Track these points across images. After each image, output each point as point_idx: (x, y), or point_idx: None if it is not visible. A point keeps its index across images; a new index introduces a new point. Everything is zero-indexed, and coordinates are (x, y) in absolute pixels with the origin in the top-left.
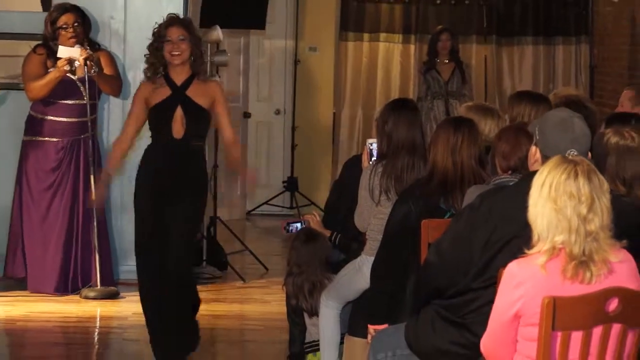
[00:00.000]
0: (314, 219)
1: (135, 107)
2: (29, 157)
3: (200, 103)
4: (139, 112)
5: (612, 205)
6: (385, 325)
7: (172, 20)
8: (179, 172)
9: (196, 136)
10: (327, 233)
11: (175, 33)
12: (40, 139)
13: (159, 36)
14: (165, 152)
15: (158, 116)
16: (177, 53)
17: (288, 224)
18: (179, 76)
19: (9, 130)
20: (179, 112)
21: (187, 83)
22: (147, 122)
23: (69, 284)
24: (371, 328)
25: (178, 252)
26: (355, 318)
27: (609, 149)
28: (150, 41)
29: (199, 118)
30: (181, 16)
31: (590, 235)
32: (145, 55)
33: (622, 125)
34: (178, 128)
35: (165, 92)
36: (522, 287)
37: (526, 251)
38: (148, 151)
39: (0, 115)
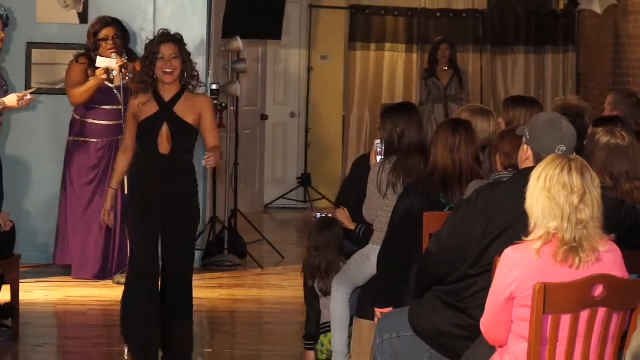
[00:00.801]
0: (343, 213)
1: (129, 124)
2: (72, 155)
3: (186, 119)
4: (134, 126)
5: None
6: (390, 309)
7: (164, 38)
8: (167, 186)
9: (182, 151)
10: (353, 226)
11: (168, 50)
12: (82, 139)
13: (152, 53)
14: (152, 166)
15: (145, 132)
16: (169, 71)
17: (317, 214)
18: (168, 92)
19: (51, 131)
20: (165, 128)
21: (176, 99)
22: None
23: (107, 271)
24: (378, 311)
25: (176, 270)
26: (363, 302)
27: (600, 146)
28: (142, 58)
29: (185, 134)
30: (171, 32)
31: (581, 224)
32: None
33: (607, 126)
34: (164, 144)
35: (152, 108)
36: (517, 270)
37: (523, 238)
38: (136, 162)
39: (43, 118)
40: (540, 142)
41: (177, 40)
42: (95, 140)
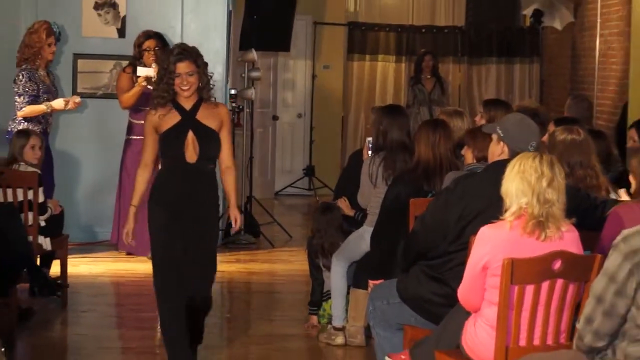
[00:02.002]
0: (343, 202)
1: (148, 137)
2: (127, 150)
3: (210, 126)
4: (153, 141)
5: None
6: (381, 280)
7: (180, 56)
8: (194, 196)
9: (208, 159)
10: (352, 212)
11: (184, 69)
12: (134, 137)
13: (169, 72)
14: (180, 177)
15: (170, 142)
16: (186, 87)
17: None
18: (187, 101)
19: (93, 130)
20: (190, 136)
21: (196, 107)
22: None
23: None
24: (371, 282)
25: (199, 277)
26: (359, 274)
27: (559, 141)
28: (159, 72)
29: (211, 140)
30: (189, 46)
31: (548, 203)
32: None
33: (566, 124)
34: (191, 152)
35: (174, 117)
36: (490, 244)
37: (499, 217)
38: (161, 176)
39: (86, 118)
40: (515, 139)
41: (192, 56)
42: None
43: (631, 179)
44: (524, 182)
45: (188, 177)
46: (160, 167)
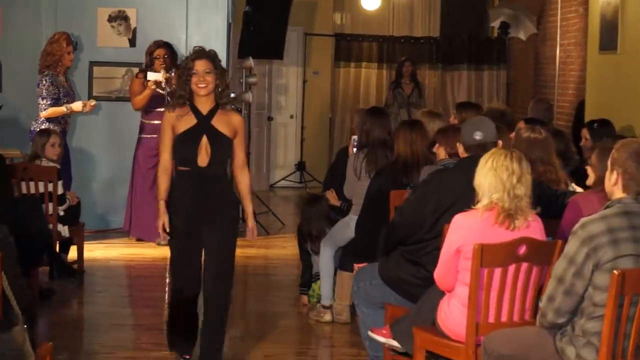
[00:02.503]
0: (331, 194)
1: (166, 135)
2: (139, 147)
3: (224, 132)
4: (171, 140)
5: None
6: (365, 263)
7: (199, 54)
8: (207, 199)
9: (219, 164)
10: (339, 203)
11: (201, 66)
12: (146, 136)
13: (187, 69)
14: (192, 180)
15: (184, 144)
16: (202, 85)
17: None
18: (204, 105)
19: (106, 129)
20: (204, 140)
21: (212, 113)
22: None
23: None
24: (355, 265)
25: (220, 273)
26: (344, 258)
27: (523, 139)
28: (179, 72)
29: (223, 146)
30: (207, 49)
31: (517, 198)
32: (172, 87)
33: (531, 124)
34: (203, 156)
35: (190, 120)
36: (462, 231)
37: (472, 206)
38: (176, 179)
39: (100, 119)
40: (464, 135)
41: (210, 56)
42: (155, 136)
43: (590, 171)
44: (497, 179)
45: (199, 181)
46: (174, 173)
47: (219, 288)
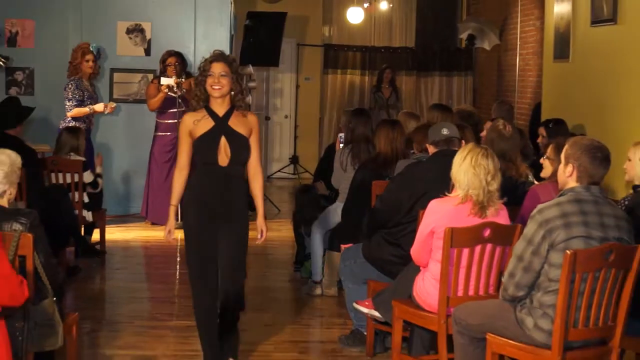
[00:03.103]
0: (321, 185)
1: (183, 139)
2: (155, 144)
3: (241, 132)
4: (188, 145)
5: None
6: (350, 244)
7: (216, 57)
8: (226, 197)
9: (239, 163)
10: (327, 192)
11: (217, 69)
12: (160, 133)
13: (204, 70)
14: (213, 179)
15: (203, 146)
16: (217, 87)
17: (308, 186)
18: (220, 108)
19: (125, 127)
20: (223, 141)
21: (228, 114)
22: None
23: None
24: (342, 246)
25: (232, 271)
26: (332, 240)
27: (493, 135)
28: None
29: (242, 146)
30: (224, 53)
31: (490, 192)
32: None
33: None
34: (223, 156)
35: (208, 123)
36: (436, 215)
37: (447, 193)
38: (195, 178)
39: (119, 118)
40: (432, 134)
41: (228, 60)
42: (168, 134)
43: (547, 164)
44: (475, 177)
45: (220, 180)
46: (195, 170)
47: (234, 292)
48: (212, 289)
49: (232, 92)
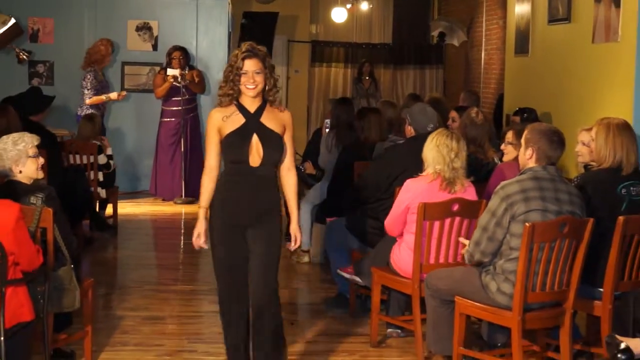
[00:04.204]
0: (308, 165)
1: (211, 138)
2: (160, 129)
3: (274, 129)
4: (216, 144)
5: None
6: (335, 218)
7: (249, 53)
8: (257, 200)
9: (272, 163)
10: (314, 172)
11: (251, 66)
12: (166, 119)
13: (236, 68)
14: (243, 181)
15: (233, 145)
16: (252, 87)
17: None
18: (252, 103)
19: (134, 114)
20: (254, 140)
21: (260, 110)
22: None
23: (180, 196)
24: (327, 219)
25: (265, 277)
26: (319, 213)
27: (467, 122)
28: (227, 70)
29: (275, 144)
30: (256, 46)
31: (455, 169)
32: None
33: (463, 111)
34: (254, 156)
35: (238, 120)
36: (411, 192)
37: (420, 174)
38: (224, 180)
39: (129, 106)
40: (418, 123)
41: (260, 55)
42: (173, 119)
43: (510, 149)
44: (439, 154)
45: (251, 182)
46: (223, 171)
47: (268, 294)
48: (240, 294)
49: (266, 87)
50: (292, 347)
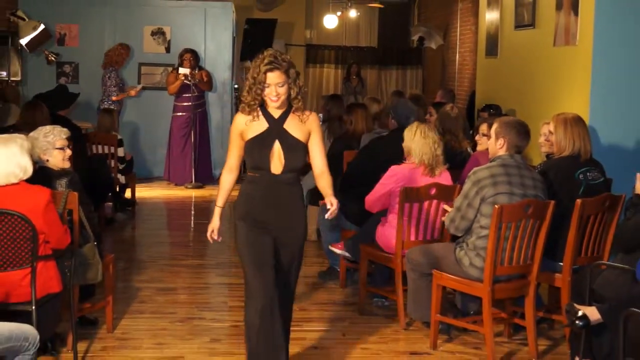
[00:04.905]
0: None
1: (234, 140)
2: (172, 123)
3: (297, 136)
4: (238, 147)
5: None
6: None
7: (272, 66)
8: (279, 208)
9: (293, 170)
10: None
11: (274, 79)
12: (177, 114)
13: (258, 82)
14: (264, 189)
15: (255, 151)
16: (275, 98)
17: None
18: (276, 110)
19: (149, 109)
20: (277, 146)
21: (285, 115)
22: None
23: (190, 181)
24: (320, 202)
25: (287, 284)
26: (313, 196)
27: (444, 116)
28: (249, 81)
29: (297, 151)
30: (279, 56)
31: (437, 157)
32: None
33: (439, 107)
34: (276, 163)
35: (261, 125)
36: (395, 177)
37: (404, 161)
38: (245, 187)
39: (145, 101)
40: (400, 117)
41: (284, 67)
42: (184, 114)
43: (484, 139)
44: (427, 146)
45: (273, 189)
46: (245, 180)
47: (283, 302)
48: (268, 287)
49: (291, 95)
50: None
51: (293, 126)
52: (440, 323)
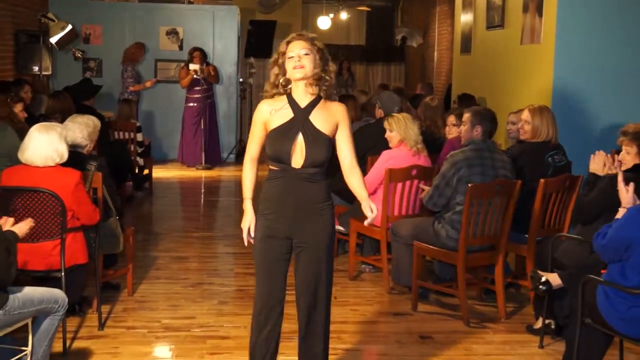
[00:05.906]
0: None
1: (256, 127)
2: (185, 112)
3: (322, 130)
4: (260, 136)
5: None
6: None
7: (294, 37)
8: (301, 205)
9: (315, 165)
10: None
11: (297, 47)
12: (189, 104)
13: (281, 54)
14: (284, 184)
15: (276, 142)
16: (299, 67)
17: None
18: (303, 97)
19: (164, 100)
20: (299, 139)
21: (312, 106)
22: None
23: (200, 162)
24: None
25: (313, 302)
26: None
27: (425, 106)
28: (272, 61)
29: (320, 145)
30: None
31: (420, 142)
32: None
33: (418, 99)
34: (297, 157)
35: (286, 114)
36: (393, 160)
37: (390, 147)
38: (268, 182)
39: (160, 93)
40: (387, 107)
41: (307, 37)
42: (195, 104)
43: (454, 129)
44: (414, 133)
45: (292, 187)
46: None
47: (317, 316)
48: (277, 287)
49: (319, 77)
50: None
51: (319, 117)
52: (420, 288)
